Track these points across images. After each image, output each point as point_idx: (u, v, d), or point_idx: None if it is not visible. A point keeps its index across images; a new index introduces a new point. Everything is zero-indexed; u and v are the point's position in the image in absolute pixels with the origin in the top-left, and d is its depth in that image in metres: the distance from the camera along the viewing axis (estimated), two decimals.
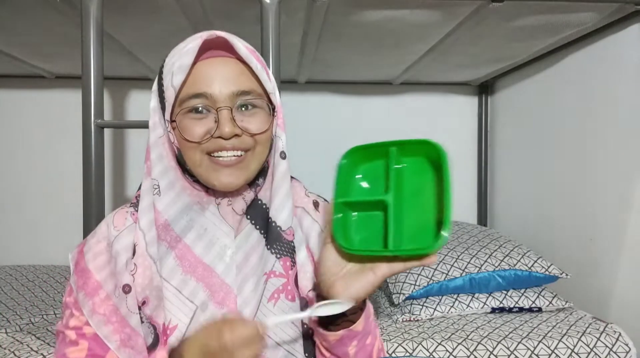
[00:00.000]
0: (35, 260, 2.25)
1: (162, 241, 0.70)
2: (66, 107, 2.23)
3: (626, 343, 1.36)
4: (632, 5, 1.37)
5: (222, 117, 0.65)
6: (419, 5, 1.36)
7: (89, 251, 0.71)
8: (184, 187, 0.71)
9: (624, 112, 1.51)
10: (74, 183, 1.75)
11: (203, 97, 0.66)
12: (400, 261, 0.62)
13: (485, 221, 2.42)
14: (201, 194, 0.72)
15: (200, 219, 0.71)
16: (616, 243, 1.53)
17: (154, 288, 0.68)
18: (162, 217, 0.70)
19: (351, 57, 1.90)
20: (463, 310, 1.59)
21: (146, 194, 0.70)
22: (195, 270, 0.70)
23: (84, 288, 0.69)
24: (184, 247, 0.70)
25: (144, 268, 0.68)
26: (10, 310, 1.66)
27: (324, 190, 0.87)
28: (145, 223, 0.69)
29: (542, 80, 1.96)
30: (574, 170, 1.75)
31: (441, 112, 2.44)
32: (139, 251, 0.69)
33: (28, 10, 1.39)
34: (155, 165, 0.70)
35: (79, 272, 0.70)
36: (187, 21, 1.46)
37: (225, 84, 0.66)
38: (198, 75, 0.66)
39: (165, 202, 0.70)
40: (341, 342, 0.68)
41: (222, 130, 0.65)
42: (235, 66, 0.68)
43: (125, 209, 0.74)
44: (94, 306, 0.68)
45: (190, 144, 0.67)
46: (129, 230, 0.71)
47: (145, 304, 0.69)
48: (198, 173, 0.69)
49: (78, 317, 0.69)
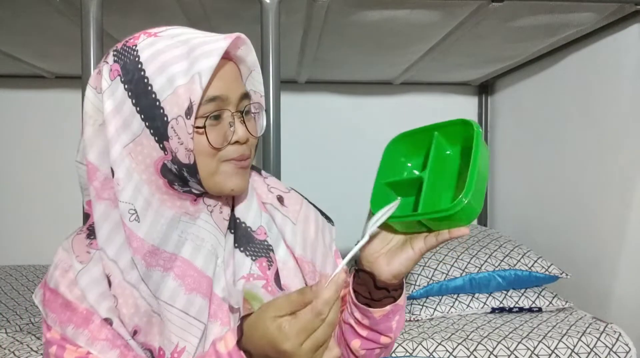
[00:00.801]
0: (35, 260, 2.25)
1: (153, 267, 0.61)
2: (66, 107, 2.23)
3: (626, 343, 1.36)
4: (632, 5, 1.37)
5: (237, 121, 0.63)
6: (419, 5, 1.36)
7: (60, 285, 0.64)
8: (162, 200, 0.62)
9: (623, 113, 1.51)
10: (74, 183, 1.74)
11: (219, 100, 0.62)
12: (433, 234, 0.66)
13: (485, 221, 2.42)
14: (186, 203, 0.64)
15: (193, 230, 0.65)
16: (616, 243, 1.53)
17: (143, 315, 0.63)
18: (146, 244, 0.61)
19: (351, 57, 1.90)
20: (463, 310, 1.59)
21: (105, 219, 0.62)
22: (200, 286, 0.63)
23: (72, 321, 0.62)
24: (183, 263, 0.63)
25: (125, 298, 0.62)
26: (10, 310, 1.66)
27: (323, 189, 0.88)
28: (114, 252, 0.62)
29: (542, 80, 1.96)
30: (574, 170, 1.74)
31: (441, 112, 2.43)
32: (116, 282, 0.62)
33: (28, 10, 1.39)
34: (125, 186, 0.60)
35: (57, 308, 0.63)
36: (187, 21, 1.46)
37: (235, 87, 0.64)
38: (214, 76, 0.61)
39: (147, 227, 0.61)
40: (387, 317, 0.71)
41: (239, 134, 0.63)
42: (235, 68, 0.66)
43: (83, 236, 0.67)
44: (92, 335, 0.62)
45: (212, 151, 0.62)
46: (95, 262, 0.64)
47: (137, 333, 0.63)
48: (214, 181, 0.63)
49: (75, 350, 0.62)
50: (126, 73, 0.60)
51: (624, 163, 1.50)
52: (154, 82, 0.59)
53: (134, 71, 0.60)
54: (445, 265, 1.64)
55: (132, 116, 0.60)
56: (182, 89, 0.58)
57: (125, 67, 0.60)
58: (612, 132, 1.56)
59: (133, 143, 0.60)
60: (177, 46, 0.60)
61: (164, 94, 0.59)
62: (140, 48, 0.61)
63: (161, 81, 0.59)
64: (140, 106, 0.59)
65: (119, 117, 0.60)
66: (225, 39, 0.61)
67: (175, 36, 0.62)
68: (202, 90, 0.58)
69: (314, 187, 0.84)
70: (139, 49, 0.60)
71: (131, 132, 0.60)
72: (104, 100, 0.61)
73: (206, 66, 0.58)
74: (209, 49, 0.59)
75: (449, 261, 1.65)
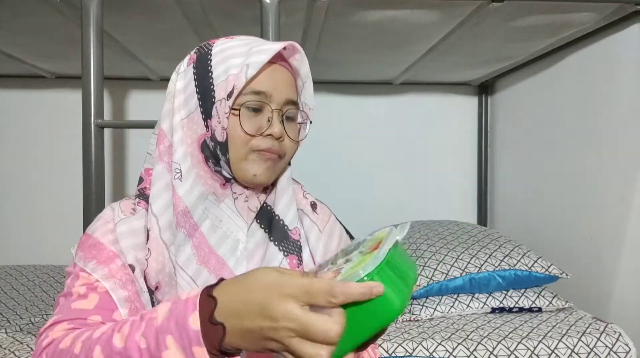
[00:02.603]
0: (35, 260, 2.25)
1: (181, 228, 0.69)
2: (66, 107, 2.23)
3: (626, 343, 1.36)
4: (632, 5, 1.37)
5: (275, 118, 0.69)
6: (419, 5, 1.36)
7: (96, 231, 0.71)
8: (198, 176, 0.71)
9: (623, 112, 1.51)
10: (74, 183, 1.75)
11: (263, 96, 0.69)
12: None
13: (485, 221, 2.42)
14: (216, 185, 0.72)
15: (215, 211, 0.71)
16: (616, 243, 1.53)
17: (167, 275, 0.69)
18: (182, 203, 0.69)
19: (351, 57, 1.90)
20: (463, 310, 1.59)
21: (160, 177, 0.70)
22: (209, 261, 0.70)
23: (96, 258, 0.68)
24: (200, 236, 0.70)
25: (157, 254, 0.68)
26: (10, 310, 1.66)
27: (323, 189, 0.88)
28: (159, 208, 0.69)
29: (542, 80, 1.96)
30: (574, 170, 1.75)
31: (441, 112, 2.44)
32: (153, 236, 0.69)
33: (28, 10, 1.39)
34: (177, 148, 0.69)
35: (87, 248, 0.70)
36: (187, 21, 1.46)
37: (283, 90, 0.71)
38: (264, 75, 0.69)
39: (186, 188, 0.69)
40: None
41: (274, 129, 0.69)
42: (290, 77, 0.73)
43: (131, 201, 0.75)
44: (110, 272, 0.67)
45: (243, 136, 0.68)
46: (138, 216, 0.71)
47: (158, 289, 0.69)
48: (241, 166, 0.69)
49: (87, 277, 0.67)
50: (198, 62, 0.71)
51: (624, 163, 1.50)
52: (214, 70, 0.69)
53: (204, 61, 0.70)
54: (445, 265, 1.64)
55: (192, 95, 0.70)
56: (232, 77, 0.68)
57: (200, 57, 0.71)
58: (612, 133, 1.55)
59: (188, 118, 0.70)
60: (241, 46, 0.70)
61: (218, 80, 0.69)
62: (215, 44, 0.72)
63: (219, 70, 0.69)
64: (199, 88, 0.70)
65: (184, 94, 0.71)
66: (279, 44, 0.69)
67: (244, 39, 0.72)
68: (245, 79, 0.66)
69: (314, 187, 0.84)
70: (214, 45, 0.72)
71: (188, 108, 0.71)
72: (177, 80, 0.72)
73: (255, 60, 0.67)
74: (264, 48, 0.68)
75: (449, 261, 1.65)
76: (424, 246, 1.77)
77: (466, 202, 2.44)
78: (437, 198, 2.42)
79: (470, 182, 2.44)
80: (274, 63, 0.71)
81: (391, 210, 2.38)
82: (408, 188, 2.42)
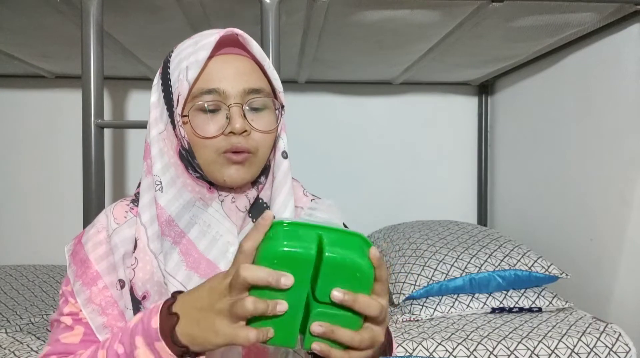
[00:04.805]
0: (35, 260, 2.25)
1: (166, 237, 0.69)
2: (66, 107, 2.23)
3: (626, 343, 1.36)
4: (632, 5, 1.37)
5: (233, 113, 0.66)
6: (419, 5, 1.36)
7: (89, 241, 0.72)
8: (185, 184, 0.71)
9: (623, 112, 1.51)
10: (74, 183, 1.75)
11: (215, 93, 0.66)
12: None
13: (485, 221, 2.42)
14: (203, 191, 0.71)
15: (204, 216, 0.71)
16: (616, 243, 1.53)
17: (155, 283, 0.69)
18: (165, 213, 0.69)
19: (351, 57, 1.90)
20: (463, 310, 1.59)
21: (146, 191, 0.70)
22: (199, 266, 0.69)
23: (82, 277, 0.70)
24: (188, 243, 0.70)
25: (144, 263, 0.69)
26: (10, 310, 1.66)
27: (323, 189, 0.88)
28: (147, 219, 0.69)
29: (542, 80, 1.96)
30: (574, 170, 1.75)
31: (441, 112, 2.44)
32: (140, 246, 0.69)
33: (28, 10, 1.39)
34: (155, 161, 0.69)
35: (77, 262, 0.71)
36: (187, 21, 1.46)
37: (238, 81, 0.67)
38: (212, 71, 0.67)
39: (168, 198, 0.69)
40: None
41: (234, 126, 0.65)
42: (248, 64, 0.69)
43: (125, 203, 0.75)
44: (91, 295, 0.69)
45: (204, 141, 0.67)
46: (129, 224, 0.72)
47: (146, 298, 0.69)
48: (209, 169, 0.68)
49: (73, 304, 0.70)
50: (162, 71, 0.71)
51: (624, 162, 1.50)
52: (172, 77, 0.68)
53: (165, 69, 0.70)
54: (445, 265, 1.64)
55: (162, 107, 0.70)
56: (182, 81, 0.66)
57: (163, 66, 0.71)
58: (612, 132, 1.56)
59: (166, 130, 0.70)
60: (190, 46, 0.68)
61: (174, 86, 0.67)
62: (174, 49, 0.71)
63: (175, 75, 0.68)
64: (166, 99, 0.69)
65: (157, 108, 0.71)
66: (215, 35, 0.66)
67: (195, 37, 0.69)
68: (188, 83, 0.65)
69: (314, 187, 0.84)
70: (174, 50, 0.70)
71: (163, 121, 0.70)
72: (152, 93, 0.72)
73: (195, 59, 0.65)
74: (204, 43, 0.66)
75: (449, 261, 1.65)
76: (424, 246, 1.78)
77: (466, 202, 2.43)
78: (437, 198, 2.42)
79: (470, 182, 2.44)
80: (227, 54, 0.68)
81: (391, 210, 2.38)
82: (408, 188, 2.42)
